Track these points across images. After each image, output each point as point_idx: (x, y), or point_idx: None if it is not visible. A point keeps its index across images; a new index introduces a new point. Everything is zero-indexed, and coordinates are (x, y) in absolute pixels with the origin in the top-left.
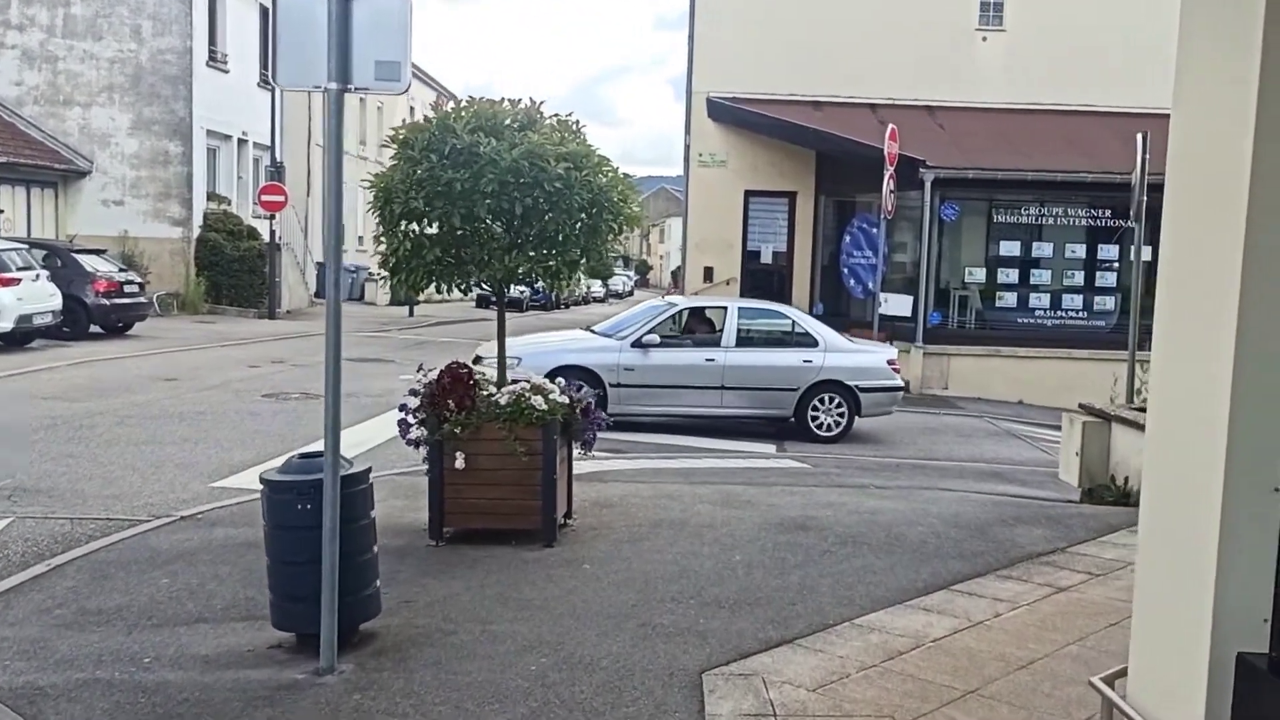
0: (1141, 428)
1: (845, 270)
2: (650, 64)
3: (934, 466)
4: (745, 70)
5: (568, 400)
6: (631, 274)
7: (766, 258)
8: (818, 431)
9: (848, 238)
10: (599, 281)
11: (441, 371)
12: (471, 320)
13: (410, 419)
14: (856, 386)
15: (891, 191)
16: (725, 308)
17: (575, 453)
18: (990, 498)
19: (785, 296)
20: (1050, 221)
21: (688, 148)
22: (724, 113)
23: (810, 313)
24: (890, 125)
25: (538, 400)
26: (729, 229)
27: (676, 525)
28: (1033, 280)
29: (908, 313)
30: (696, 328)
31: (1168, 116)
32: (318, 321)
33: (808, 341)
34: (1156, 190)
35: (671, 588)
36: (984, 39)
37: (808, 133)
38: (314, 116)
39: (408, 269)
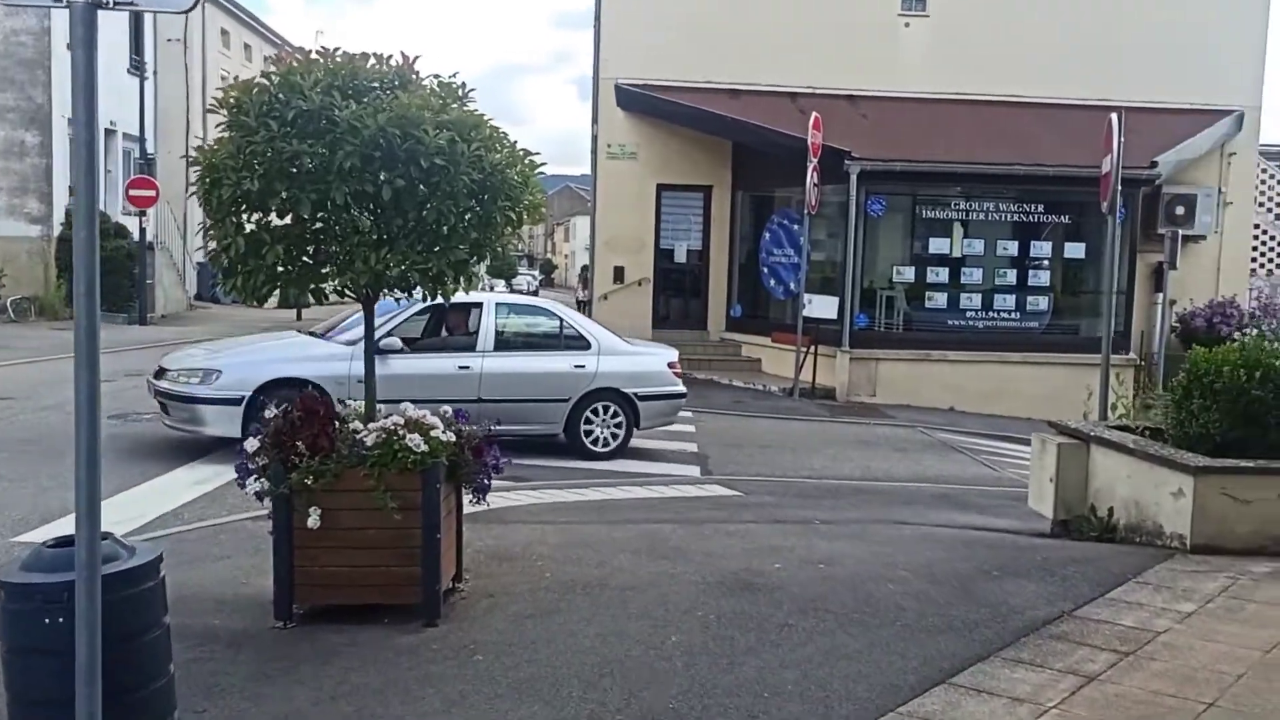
0: (1128, 451)
1: (765, 270)
2: (552, 62)
3: (878, 490)
4: (657, 56)
5: (454, 437)
6: (536, 274)
7: (681, 256)
8: (592, 448)
9: (767, 235)
10: (502, 282)
11: (292, 400)
12: None
13: (250, 464)
14: (635, 394)
15: (815, 185)
16: (480, 304)
17: (467, 499)
18: (956, 534)
19: (701, 297)
20: (980, 217)
21: (595, 139)
22: (634, 101)
23: (728, 315)
24: (814, 114)
25: (414, 439)
26: (640, 226)
27: (594, 588)
28: (963, 279)
29: (833, 315)
30: (453, 328)
31: (1095, 108)
32: (196, 326)
33: (579, 344)
34: (1068, 183)
35: (591, 696)
36: (907, 25)
37: (724, 122)
38: (193, 107)
39: (243, 272)
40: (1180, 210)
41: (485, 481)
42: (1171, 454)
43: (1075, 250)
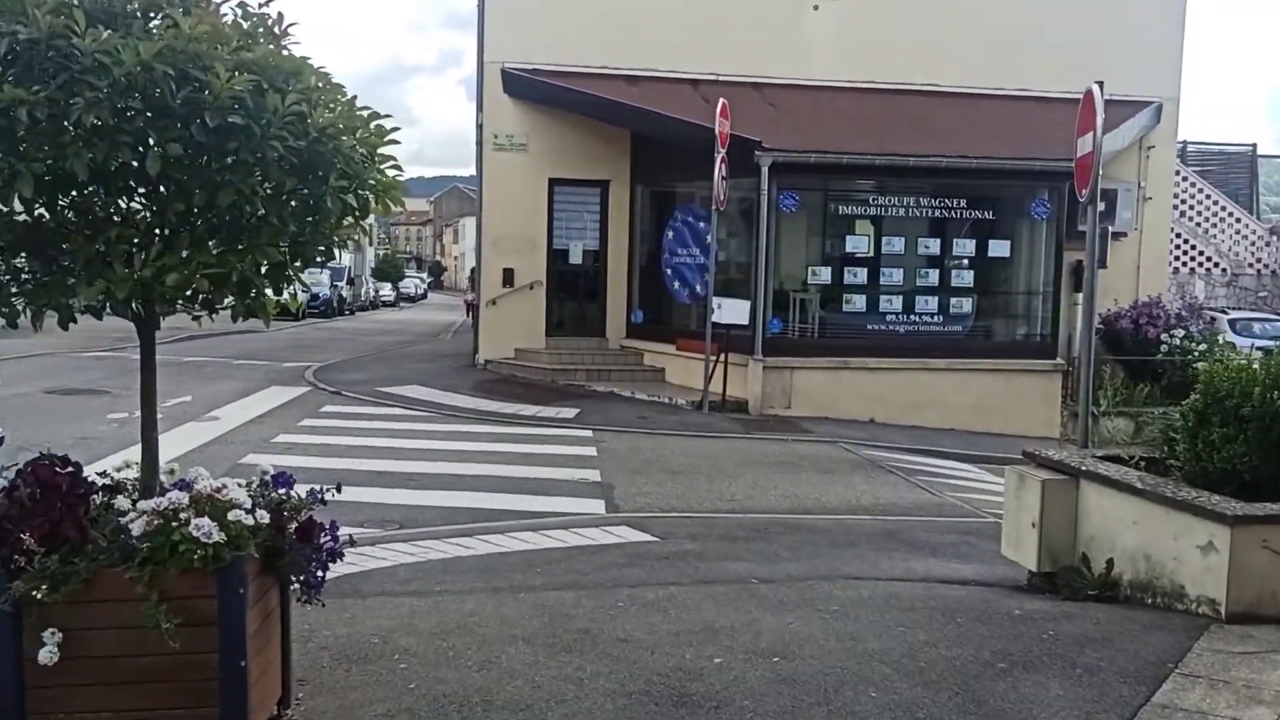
0: (1136, 492)
1: (668, 271)
2: (443, 62)
3: (813, 527)
4: (548, 38)
5: (268, 516)
6: (425, 276)
7: (576, 257)
8: None
9: (670, 233)
10: (388, 285)
11: (22, 470)
12: (245, 332)
13: None
14: None
15: (723, 178)
16: None
17: (295, 595)
18: (926, 594)
19: (599, 301)
20: (900, 213)
21: (480, 128)
22: (523, 87)
23: (629, 320)
24: (721, 100)
25: (203, 525)
26: (532, 224)
27: (475, 708)
28: (882, 281)
29: (744, 320)
30: None
31: (1014, 99)
32: None
33: None
34: (992, 177)
35: None
36: (816, 7)
37: (623, 110)
38: None
39: None
40: (1101, 206)
41: (317, 575)
42: (1200, 499)
43: (999, 249)
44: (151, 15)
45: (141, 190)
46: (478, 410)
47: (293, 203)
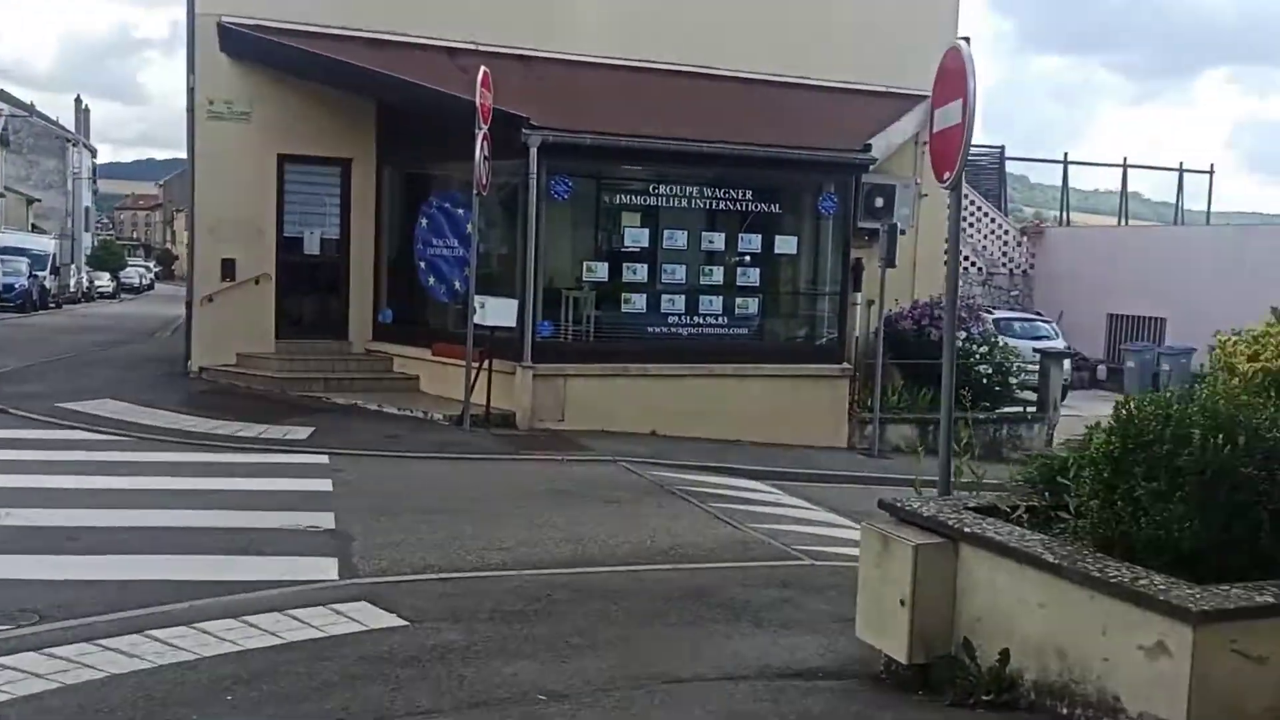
0: (1048, 567)
1: (422, 265)
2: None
3: (606, 589)
4: None
5: None
6: (151, 265)
7: (313, 247)
8: None
9: (424, 221)
10: (107, 274)
11: None
12: None
13: None
14: None
15: (485, 159)
16: None
17: None
18: (780, 706)
19: (341, 298)
20: (683, 204)
21: (192, 93)
22: (245, 46)
23: (376, 321)
24: (482, 69)
25: None
26: (257, 207)
27: None
28: (664, 278)
29: (510, 322)
30: None
31: (795, 86)
32: None
33: None
34: (780, 167)
35: None
36: None
37: (366, 77)
38: None
39: None
40: (879, 202)
41: None
42: (1144, 583)
43: (786, 245)
44: None
45: None
46: (183, 432)
47: None
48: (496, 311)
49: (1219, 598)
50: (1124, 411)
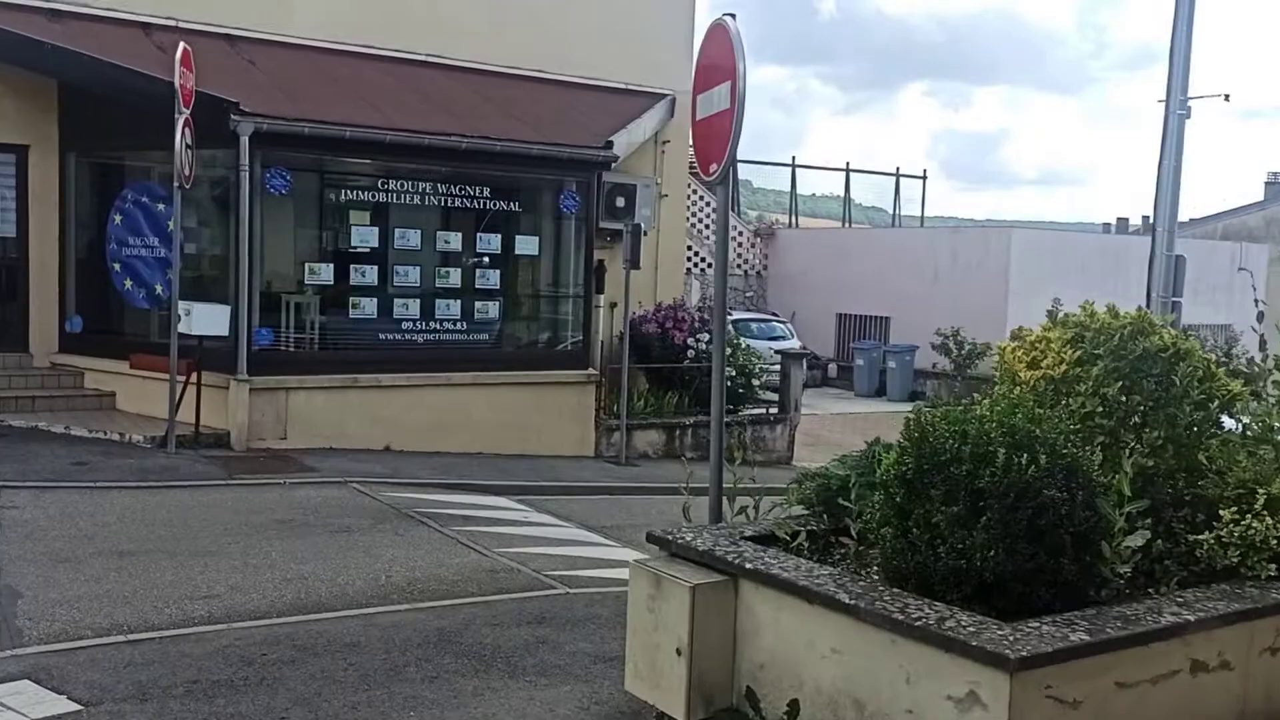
0: (826, 601)
1: (117, 266)
2: None
3: (335, 640)
4: None
5: None
6: None
7: None
8: None
9: (119, 217)
10: None
11: None
12: None
13: None
14: None
15: (189, 147)
16: None
17: None
18: None
19: (19, 303)
20: (415, 201)
21: None
22: None
23: (63, 330)
24: (182, 46)
25: None
26: None
27: None
28: (396, 281)
29: (223, 330)
30: None
31: (533, 80)
32: None
33: None
34: (518, 163)
35: None
36: None
37: (42, 51)
38: None
39: None
40: (621, 202)
41: None
42: (951, 624)
43: (527, 246)
44: None
45: None
46: None
47: None
48: (204, 319)
49: (1033, 639)
50: (917, 428)
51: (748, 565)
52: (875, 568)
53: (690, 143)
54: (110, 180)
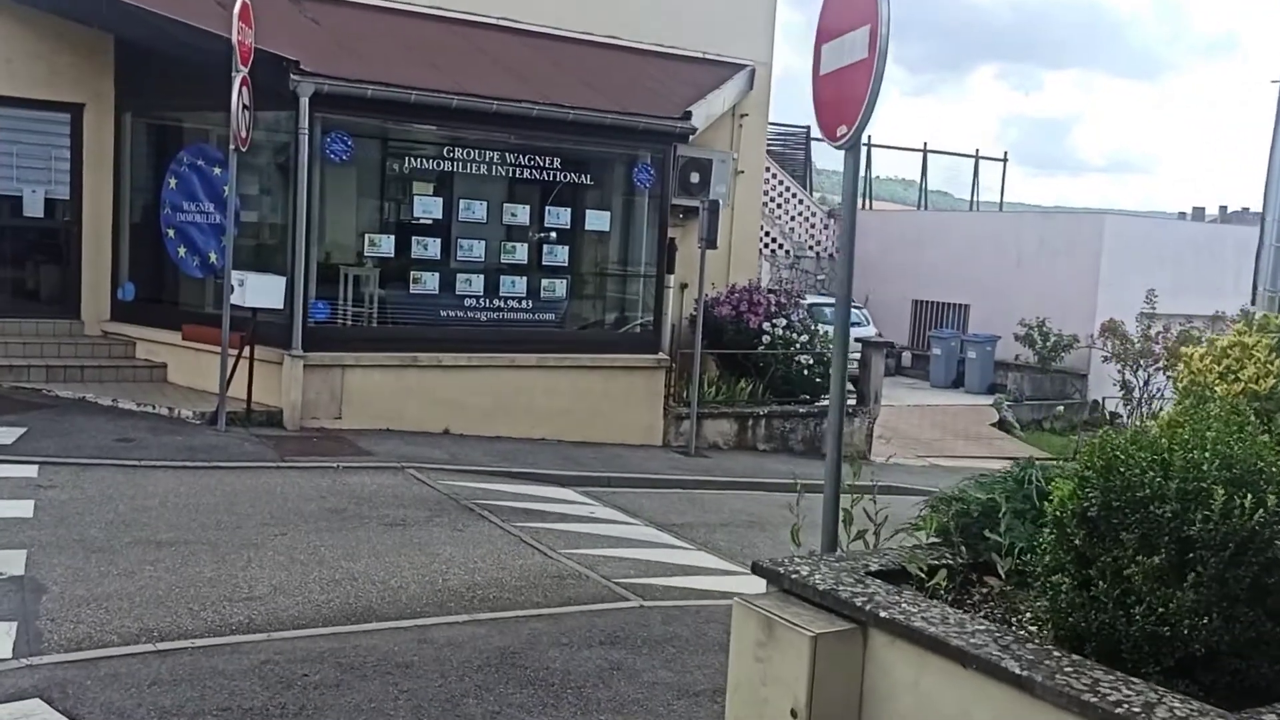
0: (976, 661)
1: (171, 232)
2: None
3: (385, 660)
4: None
5: None
6: None
7: (35, 208)
8: None
9: (173, 181)
10: None
11: None
12: None
13: None
14: None
15: (246, 108)
16: None
17: None
18: None
19: (71, 269)
20: (481, 170)
21: None
22: None
23: (115, 297)
24: (240, 1)
25: None
26: None
27: None
28: (460, 255)
29: (277, 302)
30: None
31: (605, 47)
32: None
33: None
34: (591, 132)
35: None
36: None
37: (99, 3)
38: None
39: None
40: (695, 177)
41: None
42: None
43: (598, 221)
44: None
45: None
46: None
47: None
48: (259, 290)
49: None
50: (1102, 454)
51: (881, 613)
52: (1031, 616)
53: (813, 104)
54: (166, 142)
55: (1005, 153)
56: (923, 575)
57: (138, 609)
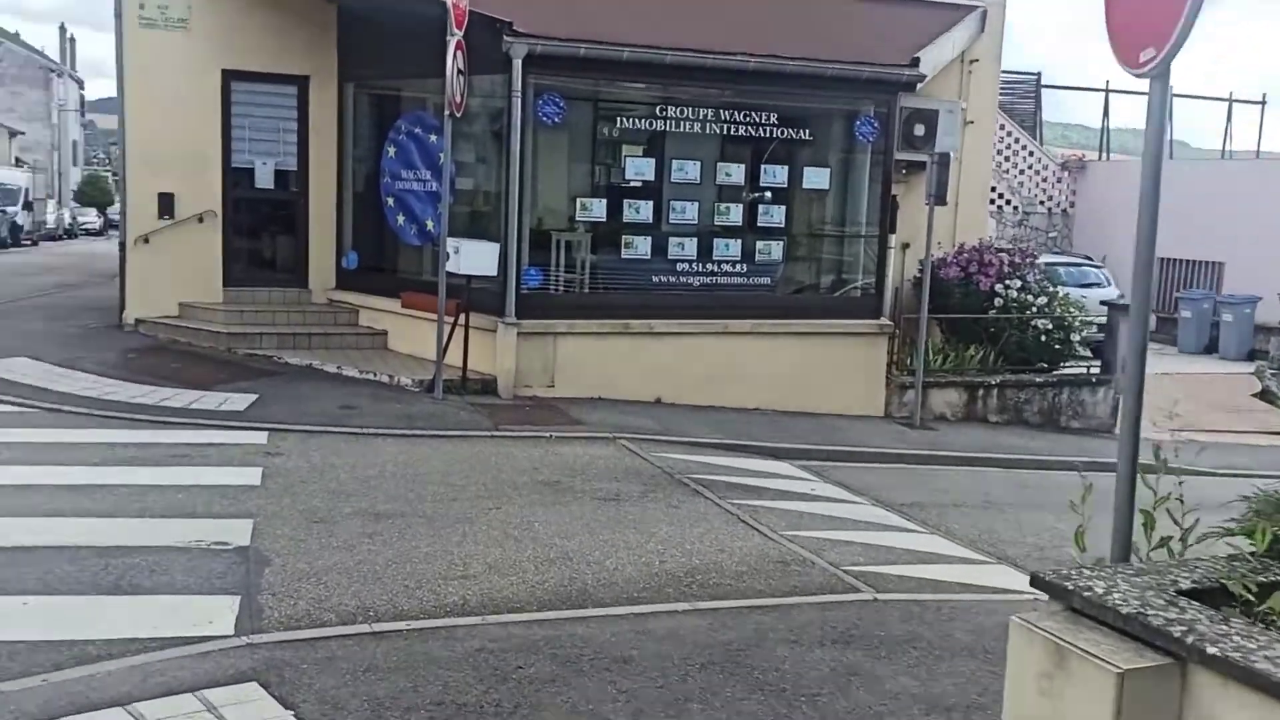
0: None
1: (390, 200)
2: None
3: (602, 653)
4: None
5: None
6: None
7: (266, 180)
8: None
9: (392, 149)
10: (94, 210)
11: None
12: None
13: None
14: None
15: (460, 72)
16: None
17: None
18: None
19: (298, 239)
20: (695, 129)
21: None
22: None
23: (339, 266)
24: None
25: None
26: (200, 133)
27: None
28: (672, 218)
29: (492, 270)
30: None
31: None
32: None
33: None
34: (811, 85)
35: None
36: None
37: None
38: None
39: None
40: (920, 129)
41: None
42: None
43: (817, 179)
44: None
45: None
46: (97, 401)
47: None
48: (473, 256)
49: None
50: None
51: (1208, 647)
52: None
53: (1106, 25)
54: (386, 111)
55: (1264, 95)
56: (1250, 597)
57: (355, 585)
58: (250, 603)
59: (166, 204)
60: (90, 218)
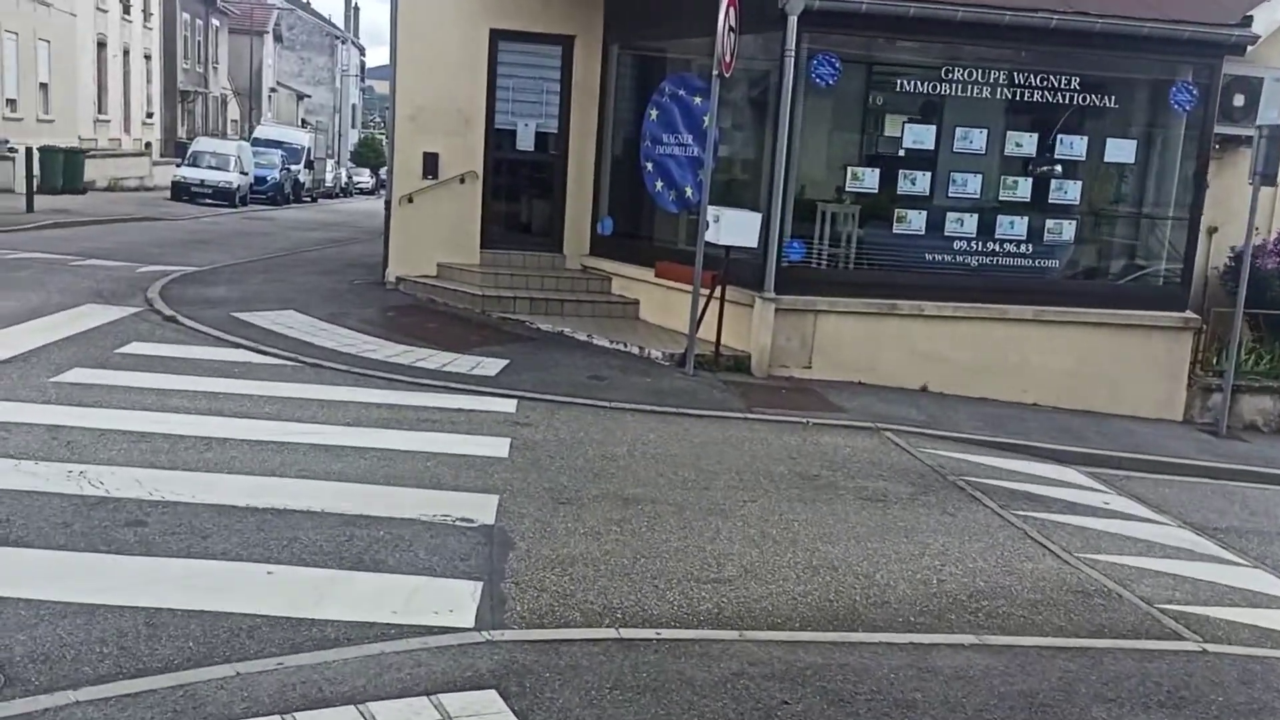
0: None
1: (650, 166)
2: None
3: (881, 696)
4: None
5: None
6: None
7: (527, 141)
8: None
9: (654, 112)
10: (368, 170)
11: None
12: (126, 220)
13: None
14: None
15: (731, 30)
16: None
17: None
18: None
19: (556, 203)
20: (983, 94)
21: None
22: None
23: (594, 231)
24: None
25: None
26: (466, 93)
27: None
28: (951, 191)
29: (752, 241)
30: None
31: None
32: None
33: None
34: (1120, 47)
35: None
36: None
37: None
38: None
39: None
40: (1239, 100)
41: None
42: None
43: (1121, 152)
44: None
45: None
46: (355, 358)
47: None
48: (733, 226)
49: None
50: None
51: None
52: None
53: None
54: (649, 72)
55: None
56: None
57: (602, 580)
58: (492, 590)
59: (431, 164)
60: (364, 177)
